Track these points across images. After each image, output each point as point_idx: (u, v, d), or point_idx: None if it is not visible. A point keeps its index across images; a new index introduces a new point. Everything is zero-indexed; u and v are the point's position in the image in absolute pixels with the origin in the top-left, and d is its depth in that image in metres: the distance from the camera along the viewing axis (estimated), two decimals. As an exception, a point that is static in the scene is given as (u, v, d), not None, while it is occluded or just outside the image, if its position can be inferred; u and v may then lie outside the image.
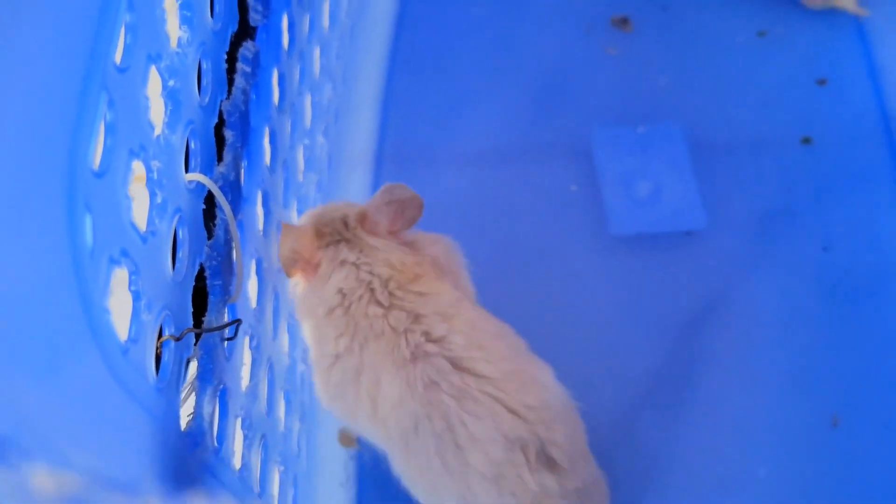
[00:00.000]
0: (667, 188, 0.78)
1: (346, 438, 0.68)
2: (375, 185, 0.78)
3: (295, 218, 0.63)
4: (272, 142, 0.55)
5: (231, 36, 0.48)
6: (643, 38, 0.87)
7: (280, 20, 0.57)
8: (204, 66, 0.43)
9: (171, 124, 0.38)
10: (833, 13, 0.88)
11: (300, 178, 0.65)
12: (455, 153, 0.81)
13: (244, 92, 0.50)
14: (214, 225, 0.45)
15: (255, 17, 0.53)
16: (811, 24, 0.88)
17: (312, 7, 0.66)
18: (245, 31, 0.52)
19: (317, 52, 0.68)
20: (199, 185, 0.42)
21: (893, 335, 0.70)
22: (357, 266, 0.54)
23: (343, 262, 0.54)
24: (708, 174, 0.79)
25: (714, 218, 0.77)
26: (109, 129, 0.32)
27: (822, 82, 0.85)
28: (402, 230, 0.57)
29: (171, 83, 0.39)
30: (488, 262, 0.68)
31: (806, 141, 0.81)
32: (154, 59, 0.36)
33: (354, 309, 0.53)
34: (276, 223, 0.56)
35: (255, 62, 0.51)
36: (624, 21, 0.88)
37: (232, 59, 0.48)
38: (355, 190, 0.78)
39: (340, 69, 0.79)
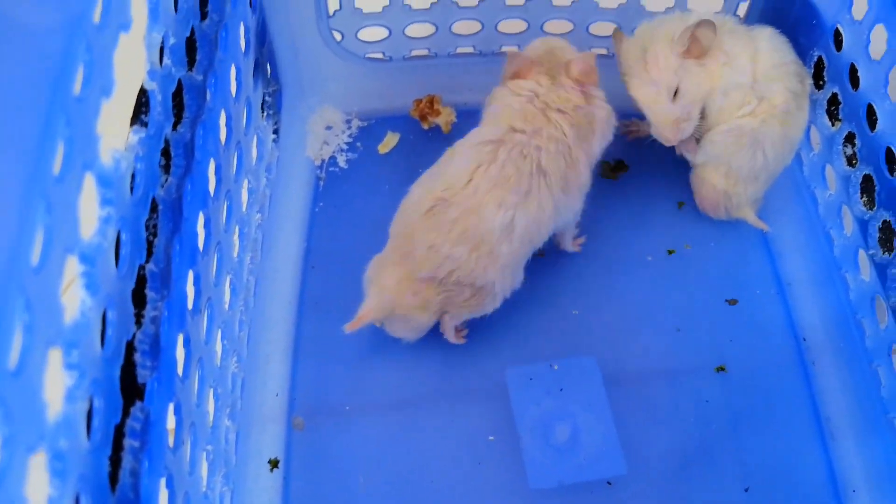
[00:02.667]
0: (585, 431, 0.77)
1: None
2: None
3: None
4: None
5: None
6: (555, 266, 0.87)
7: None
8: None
9: None
10: (741, 228, 0.89)
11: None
12: (366, 402, 0.79)
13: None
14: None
15: (143, 374, 0.52)
16: (719, 240, 0.89)
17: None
18: (134, 391, 0.51)
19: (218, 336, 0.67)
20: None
21: None
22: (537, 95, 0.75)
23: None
24: (626, 408, 0.78)
25: (634, 461, 0.75)
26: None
27: (732, 302, 0.85)
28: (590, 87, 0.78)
29: None
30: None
31: (720, 369, 0.81)
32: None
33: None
34: None
35: (143, 432, 0.49)
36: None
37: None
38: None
39: (247, 327, 0.77)
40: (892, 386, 0.75)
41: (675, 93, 0.78)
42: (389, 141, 0.94)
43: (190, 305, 0.61)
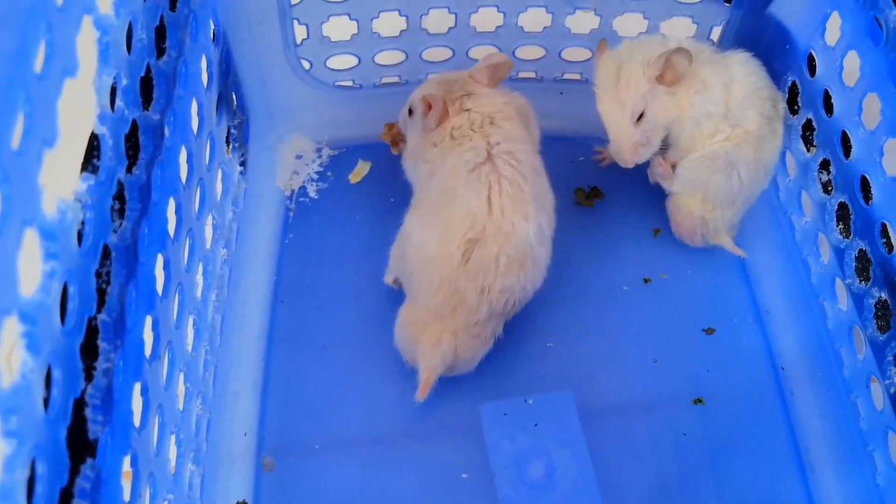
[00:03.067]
0: (561, 467, 0.76)
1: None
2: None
3: None
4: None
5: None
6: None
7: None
8: None
9: None
10: (718, 255, 0.88)
11: None
12: (337, 439, 0.77)
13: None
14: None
15: (94, 430, 0.50)
16: (696, 267, 0.88)
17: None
18: (84, 447, 0.49)
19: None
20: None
21: None
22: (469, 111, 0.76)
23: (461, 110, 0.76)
24: (602, 443, 0.77)
25: (610, 497, 0.74)
26: None
27: (709, 331, 0.84)
28: (494, 86, 0.80)
29: None
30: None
31: (697, 401, 0.79)
32: None
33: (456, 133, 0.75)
34: None
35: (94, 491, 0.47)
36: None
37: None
38: None
39: (213, 366, 0.75)
40: (870, 418, 0.73)
41: (640, 117, 0.77)
42: (360, 170, 0.92)
43: (148, 352, 0.59)
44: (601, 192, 0.92)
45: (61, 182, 0.49)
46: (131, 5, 0.57)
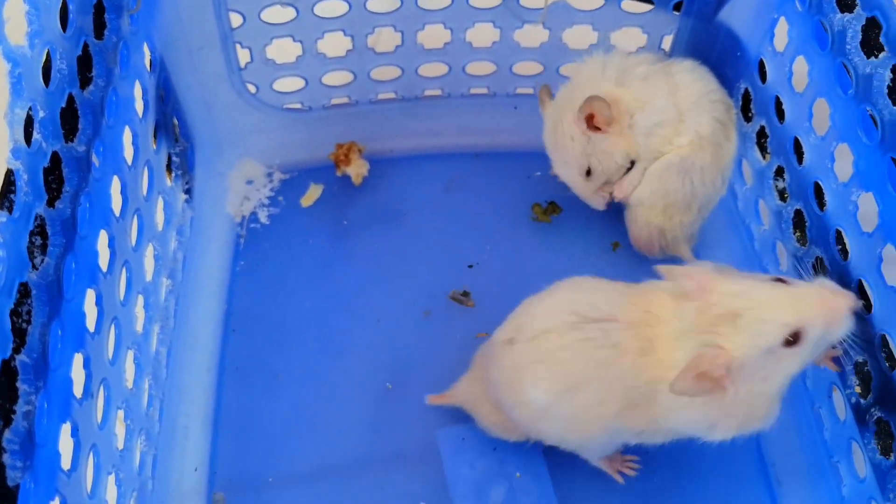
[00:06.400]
0: (522, 492, 0.74)
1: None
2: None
3: None
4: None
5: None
6: (485, 317, 0.84)
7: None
8: None
9: None
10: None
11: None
12: (291, 472, 0.75)
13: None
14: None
15: (13, 476, 0.48)
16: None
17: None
18: (4, 495, 0.47)
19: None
20: None
21: None
22: None
23: None
24: (564, 465, 0.75)
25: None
26: None
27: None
28: None
29: None
30: None
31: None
32: None
33: None
34: None
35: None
36: (465, 294, 0.85)
37: None
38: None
39: (158, 401, 0.73)
40: (834, 428, 0.72)
41: (589, 171, 0.79)
42: (312, 193, 0.90)
43: (78, 392, 0.57)
44: (559, 206, 0.90)
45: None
46: (48, 35, 0.56)
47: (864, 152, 0.64)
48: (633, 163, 0.80)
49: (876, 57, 0.62)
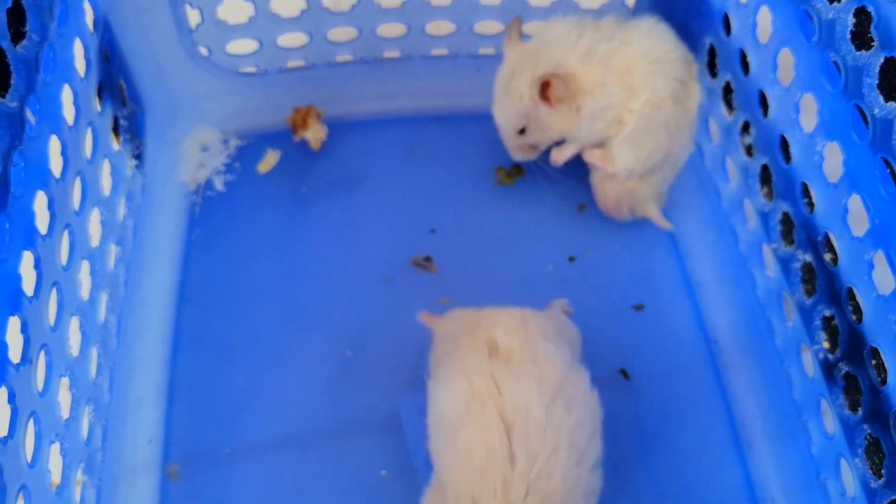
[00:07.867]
0: (485, 458, 0.71)
1: None
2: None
3: None
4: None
5: None
6: (448, 280, 0.82)
7: None
8: None
9: None
10: (646, 229, 0.85)
11: None
12: (247, 443, 0.73)
13: None
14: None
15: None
16: (623, 242, 0.85)
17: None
18: None
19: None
20: None
21: None
22: None
23: None
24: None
25: (538, 487, 0.70)
26: None
27: (639, 307, 0.81)
28: None
29: None
30: None
31: (628, 377, 0.76)
32: None
33: None
34: None
35: None
36: (427, 259, 0.83)
37: None
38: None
39: (107, 370, 0.71)
40: (803, 387, 0.70)
41: (523, 130, 0.79)
42: (270, 159, 0.88)
43: (15, 357, 0.55)
44: (522, 169, 0.88)
45: None
46: (-28, -17, 0.53)
47: (827, 101, 0.63)
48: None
49: (839, 2, 0.60)
